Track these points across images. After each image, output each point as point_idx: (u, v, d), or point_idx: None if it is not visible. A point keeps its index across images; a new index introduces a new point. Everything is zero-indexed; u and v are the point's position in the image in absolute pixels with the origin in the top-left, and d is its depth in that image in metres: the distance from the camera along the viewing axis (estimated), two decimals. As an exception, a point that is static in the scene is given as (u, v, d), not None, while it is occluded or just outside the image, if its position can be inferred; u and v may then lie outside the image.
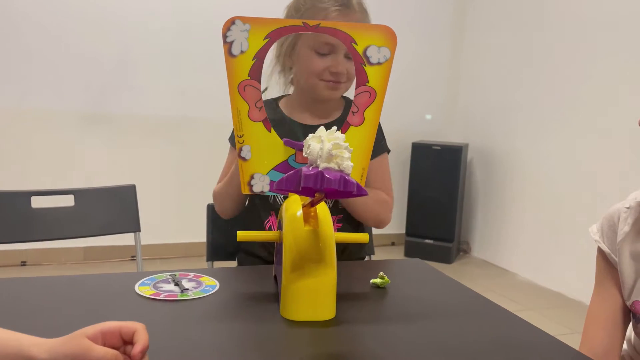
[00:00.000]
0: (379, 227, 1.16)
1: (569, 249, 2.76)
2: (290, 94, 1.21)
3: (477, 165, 3.59)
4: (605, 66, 2.64)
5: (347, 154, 0.66)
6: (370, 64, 0.84)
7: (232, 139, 1.20)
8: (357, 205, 1.11)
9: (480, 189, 3.58)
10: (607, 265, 0.93)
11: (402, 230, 3.47)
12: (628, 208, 0.90)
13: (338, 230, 1.12)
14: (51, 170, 2.91)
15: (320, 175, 0.65)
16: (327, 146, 0.65)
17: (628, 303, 0.89)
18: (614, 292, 0.92)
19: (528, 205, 3.14)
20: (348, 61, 1.09)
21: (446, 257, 3.35)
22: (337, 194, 0.68)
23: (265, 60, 0.87)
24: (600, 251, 0.94)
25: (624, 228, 0.90)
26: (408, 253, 3.40)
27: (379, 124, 1.19)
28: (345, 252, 1.15)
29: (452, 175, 3.36)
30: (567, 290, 2.75)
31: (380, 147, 1.18)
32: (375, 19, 1.10)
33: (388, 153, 1.21)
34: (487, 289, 2.92)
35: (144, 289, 0.82)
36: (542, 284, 2.97)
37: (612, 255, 0.92)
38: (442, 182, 3.37)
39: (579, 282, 2.55)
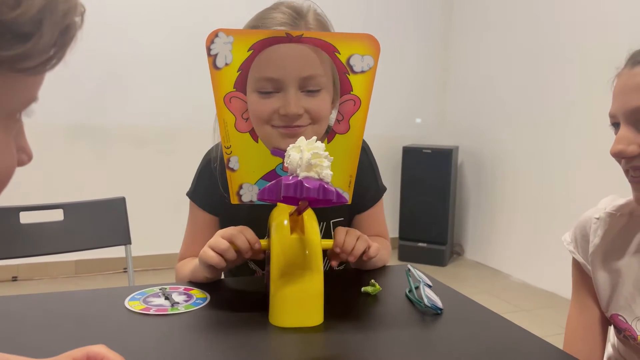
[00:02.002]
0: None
1: (561, 249, 2.77)
2: None
3: (467, 168, 3.61)
4: (595, 67, 2.67)
5: (326, 163, 0.67)
6: (354, 72, 0.85)
7: (195, 195, 1.04)
8: (371, 265, 0.99)
9: (471, 191, 3.60)
10: (583, 275, 0.92)
11: (395, 234, 3.48)
12: (598, 219, 0.88)
13: None
14: (39, 184, 2.89)
15: (299, 184, 0.66)
16: (306, 156, 0.66)
17: (607, 315, 0.88)
18: (591, 303, 0.90)
19: (519, 206, 3.16)
20: (308, 97, 0.88)
21: (440, 260, 3.36)
22: (318, 202, 0.69)
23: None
24: (575, 261, 0.93)
25: (594, 240, 0.88)
26: (402, 257, 3.41)
27: (375, 161, 1.07)
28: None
29: (443, 178, 3.38)
30: (561, 290, 2.77)
31: (378, 191, 1.07)
32: (363, 24, 1.06)
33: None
34: (480, 290, 2.94)
35: (133, 304, 0.81)
36: (536, 284, 2.99)
37: (587, 266, 0.90)
38: (433, 185, 3.38)
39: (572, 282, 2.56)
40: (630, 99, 0.74)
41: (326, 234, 1.02)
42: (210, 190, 1.01)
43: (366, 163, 1.06)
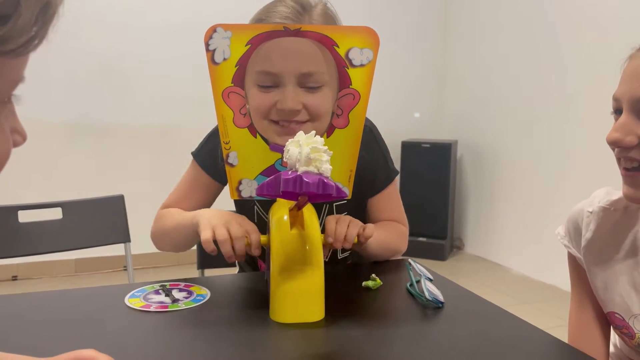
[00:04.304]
0: (394, 257, 1.05)
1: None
2: None
3: (467, 162, 3.61)
4: (593, 61, 2.66)
5: (325, 157, 0.66)
6: (353, 66, 0.84)
7: (199, 155, 1.05)
8: (374, 250, 0.97)
9: (471, 185, 3.59)
10: (579, 269, 0.90)
11: (395, 229, 3.48)
12: (591, 212, 0.85)
13: None
14: (37, 183, 2.88)
15: (299, 179, 0.65)
16: (305, 150, 0.66)
17: (605, 311, 0.86)
18: (590, 298, 0.88)
19: (519, 199, 3.16)
20: (307, 93, 0.86)
21: (440, 254, 3.36)
22: (317, 197, 0.69)
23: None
24: (571, 255, 0.90)
25: (587, 234, 0.85)
26: (402, 252, 3.41)
27: (385, 145, 1.07)
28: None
29: (443, 172, 3.38)
30: (561, 283, 2.77)
31: (389, 173, 1.05)
32: (362, 17, 1.04)
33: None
34: (481, 284, 2.94)
35: (133, 301, 0.81)
36: (536, 277, 2.99)
37: (583, 259, 0.87)
38: (433, 180, 3.38)
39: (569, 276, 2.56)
40: (639, 85, 0.69)
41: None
42: (215, 154, 1.01)
43: (374, 144, 1.04)
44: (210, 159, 1.03)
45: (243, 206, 1.04)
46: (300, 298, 0.75)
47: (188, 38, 3.04)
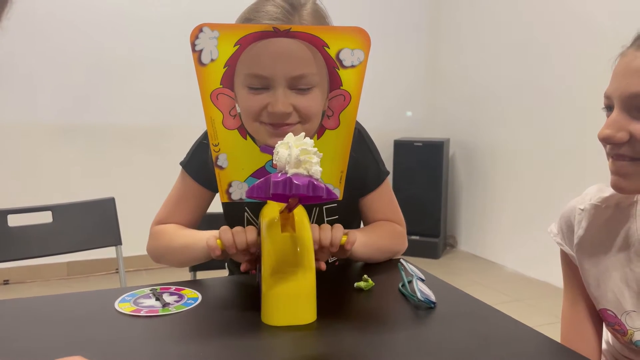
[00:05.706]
0: (392, 257, 1.04)
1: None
2: None
3: (459, 160, 3.62)
4: (586, 58, 2.67)
5: (315, 159, 0.66)
6: (344, 67, 0.84)
7: (189, 165, 1.03)
8: (363, 254, 0.96)
9: (463, 182, 3.60)
10: (572, 267, 0.90)
11: (389, 228, 3.48)
12: (582, 210, 0.85)
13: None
14: (26, 186, 2.86)
15: (288, 181, 0.65)
16: (294, 152, 0.65)
17: (597, 308, 0.86)
18: (582, 295, 0.88)
19: (512, 197, 3.17)
20: (298, 95, 0.85)
21: (433, 253, 3.37)
22: (308, 198, 0.69)
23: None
24: (564, 253, 0.91)
25: (578, 231, 0.85)
26: (395, 250, 3.41)
27: (375, 146, 1.07)
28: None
29: (435, 170, 3.38)
30: (554, 280, 2.78)
31: (379, 173, 1.05)
32: (352, 17, 1.03)
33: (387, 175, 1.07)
34: (474, 282, 2.95)
35: (124, 306, 0.80)
36: (530, 274, 3.00)
37: (575, 257, 0.88)
38: (425, 178, 3.39)
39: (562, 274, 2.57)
40: (630, 82, 0.70)
41: (319, 220, 1.01)
42: (205, 163, 1.00)
43: (363, 145, 1.03)
44: (201, 167, 1.01)
45: (232, 211, 1.03)
46: (292, 300, 0.75)
47: (180, 38, 3.03)
